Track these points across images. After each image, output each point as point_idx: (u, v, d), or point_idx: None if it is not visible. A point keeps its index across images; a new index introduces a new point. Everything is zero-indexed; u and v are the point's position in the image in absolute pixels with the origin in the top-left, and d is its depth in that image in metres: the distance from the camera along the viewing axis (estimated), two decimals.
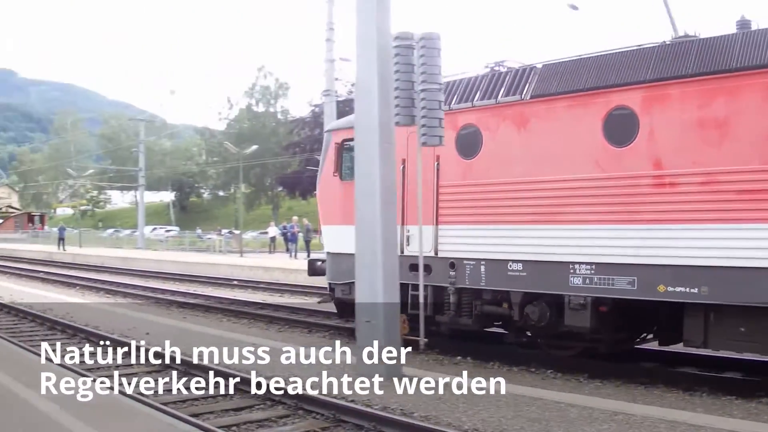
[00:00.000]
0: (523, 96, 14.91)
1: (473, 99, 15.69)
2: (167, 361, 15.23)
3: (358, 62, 14.80)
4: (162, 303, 26.63)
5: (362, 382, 13.41)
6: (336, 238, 18.74)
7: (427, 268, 16.14)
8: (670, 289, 12.75)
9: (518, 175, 14.86)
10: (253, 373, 14.20)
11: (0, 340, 15.14)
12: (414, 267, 15.88)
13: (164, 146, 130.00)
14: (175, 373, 14.53)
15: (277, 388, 12.48)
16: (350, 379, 13.67)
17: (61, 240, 67.28)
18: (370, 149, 14.18)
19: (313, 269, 20.83)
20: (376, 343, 13.68)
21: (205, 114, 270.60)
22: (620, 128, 13.46)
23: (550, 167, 14.37)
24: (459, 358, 15.76)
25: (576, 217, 14.02)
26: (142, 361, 15.78)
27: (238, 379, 13.25)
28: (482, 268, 15.35)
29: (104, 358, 16.29)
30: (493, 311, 15.55)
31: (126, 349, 16.75)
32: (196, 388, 13.38)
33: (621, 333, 14.68)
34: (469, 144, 15.64)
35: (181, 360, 15.04)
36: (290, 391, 12.25)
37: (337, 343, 17.64)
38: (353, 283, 16.10)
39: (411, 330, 15.08)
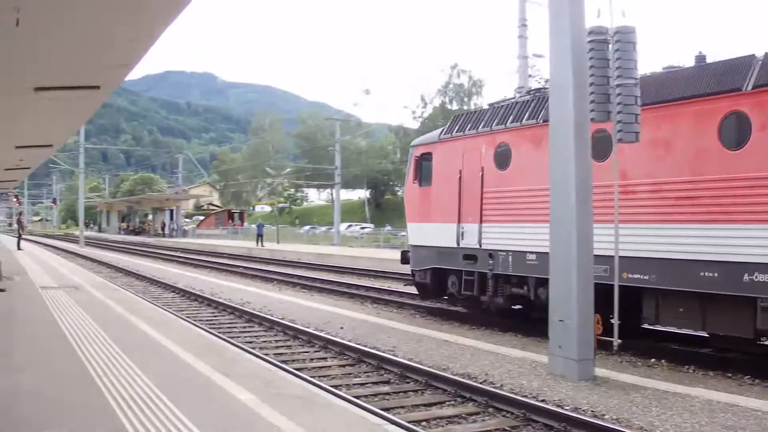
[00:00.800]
0: (537, 120, 18.19)
1: (506, 122, 19.25)
2: (361, 355, 15.47)
3: (552, 58, 14.52)
4: (356, 298, 27.06)
5: (553, 381, 13.29)
6: (415, 233, 23.43)
7: (474, 258, 20.13)
8: (630, 276, 15.50)
9: (535, 183, 17.75)
10: (445, 369, 14.27)
11: (200, 331, 15.71)
12: (467, 257, 20.32)
13: (359, 145, 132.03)
14: (368, 367, 14.76)
15: (468, 386, 12.49)
16: (541, 378, 13.57)
17: (259, 236, 69.31)
18: (565, 147, 13.88)
19: (405, 258, 24.33)
20: (568, 342, 13.50)
21: (400, 113, 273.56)
22: (600, 146, 15.81)
23: (548, 175, 16.06)
24: (653, 360, 15.31)
25: None
26: (336, 354, 16.11)
27: (429, 375, 13.34)
28: (510, 258, 18.84)
29: (299, 351, 16.73)
30: (517, 292, 18.95)
31: (321, 342, 17.14)
32: (388, 382, 13.56)
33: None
34: (503, 158, 19.19)
35: (374, 354, 15.24)
36: (482, 389, 12.23)
37: (524, 340, 17.62)
38: (428, 269, 22.10)
39: (604, 331, 14.80)
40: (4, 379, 9.62)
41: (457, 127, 21.48)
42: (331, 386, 12.37)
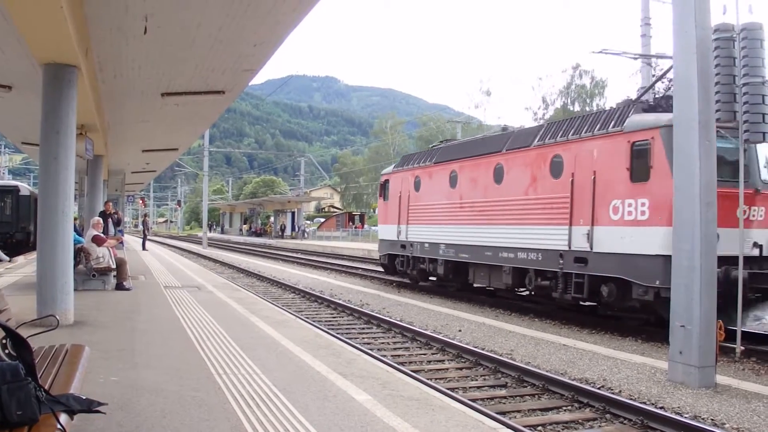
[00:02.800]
0: (432, 161, 29.94)
1: (419, 162, 31.24)
2: (478, 357, 15.46)
3: (676, 57, 14.13)
4: (474, 301, 27.00)
5: (673, 388, 13.04)
6: (380, 231, 35.84)
7: (404, 246, 31.63)
8: (462, 255, 26.67)
9: (428, 201, 29.76)
10: (562, 373, 14.15)
11: (319, 331, 15.86)
12: (401, 246, 31.98)
13: None
14: (485, 370, 14.75)
15: (585, 391, 12.36)
16: (660, 384, 13.34)
17: None
18: (689, 148, 13.43)
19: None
20: (689, 349, 13.22)
21: (521, 114, 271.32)
22: (453, 182, 27.65)
23: (434, 196, 29.20)
24: None
25: (440, 221, 28.48)
26: (454, 356, 16.12)
27: (546, 379, 13.25)
28: (418, 246, 30.34)
29: (417, 353, 16.79)
30: (422, 267, 30.29)
31: (438, 344, 17.18)
32: (505, 386, 13.52)
33: (460, 278, 27.83)
34: (417, 185, 31.00)
35: (491, 357, 15.21)
36: (599, 394, 12.09)
37: (641, 345, 17.31)
38: (386, 254, 34.15)
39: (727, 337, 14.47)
40: (126, 374, 9.89)
41: (401, 164, 33.51)
42: (448, 389, 12.38)
